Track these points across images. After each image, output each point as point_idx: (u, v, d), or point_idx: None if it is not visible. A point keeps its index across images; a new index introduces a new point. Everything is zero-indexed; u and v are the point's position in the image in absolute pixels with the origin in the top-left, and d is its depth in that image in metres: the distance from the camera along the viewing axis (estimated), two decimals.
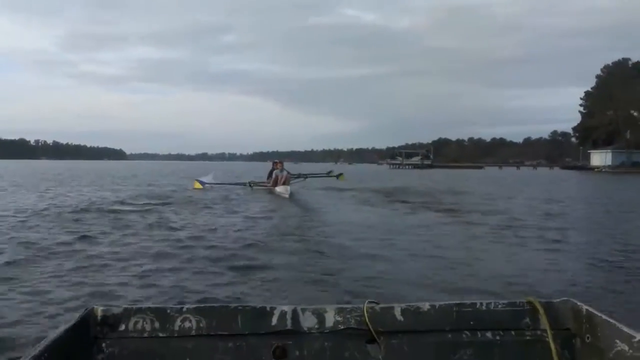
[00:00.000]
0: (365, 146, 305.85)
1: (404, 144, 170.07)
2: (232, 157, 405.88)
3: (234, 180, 28.70)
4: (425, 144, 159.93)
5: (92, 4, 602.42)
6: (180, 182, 30.57)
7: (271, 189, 21.68)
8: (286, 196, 19.09)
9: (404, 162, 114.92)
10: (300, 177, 24.52)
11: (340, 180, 26.12)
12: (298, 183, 23.31)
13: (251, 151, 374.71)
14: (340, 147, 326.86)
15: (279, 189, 20.51)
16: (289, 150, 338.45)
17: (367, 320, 1.93)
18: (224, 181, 27.74)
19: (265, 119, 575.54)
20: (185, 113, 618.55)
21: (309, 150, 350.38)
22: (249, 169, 32.24)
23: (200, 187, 24.16)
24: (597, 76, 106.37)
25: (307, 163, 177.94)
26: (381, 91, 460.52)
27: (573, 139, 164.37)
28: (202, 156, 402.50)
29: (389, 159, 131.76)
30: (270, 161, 25.10)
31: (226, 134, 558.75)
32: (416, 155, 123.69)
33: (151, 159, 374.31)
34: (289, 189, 19.93)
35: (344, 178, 26.97)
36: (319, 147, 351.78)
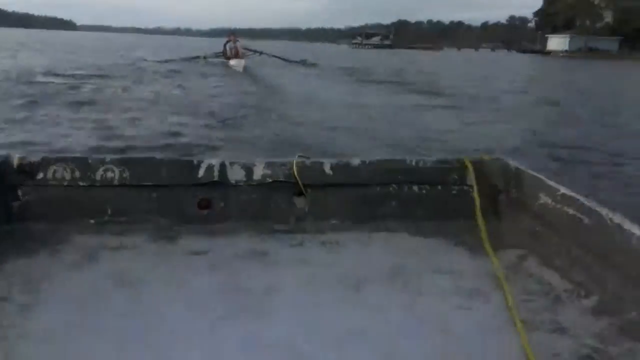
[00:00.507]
0: (324, 25, 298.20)
1: (364, 24, 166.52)
2: (188, 32, 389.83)
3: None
4: (385, 25, 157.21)
5: None
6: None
7: (224, 61, 20.49)
8: (239, 70, 18.22)
9: (364, 42, 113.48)
10: (256, 53, 22.49)
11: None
12: (253, 57, 21.70)
13: (208, 27, 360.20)
14: (298, 26, 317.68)
15: (232, 62, 19.47)
16: (246, 28, 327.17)
17: (295, 174, 1.95)
18: (169, 58, 23.82)
19: None
20: None
21: (266, 28, 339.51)
22: (203, 46, 30.11)
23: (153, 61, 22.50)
24: None
25: (265, 41, 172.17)
26: None
27: (531, 24, 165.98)
28: (158, 30, 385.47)
29: (349, 39, 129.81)
30: (228, 36, 22.91)
31: (182, 9, 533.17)
32: (376, 36, 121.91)
33: (104, 31, 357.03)
34: (242, 62, 18.93)
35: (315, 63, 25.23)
36: (277, 25, 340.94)
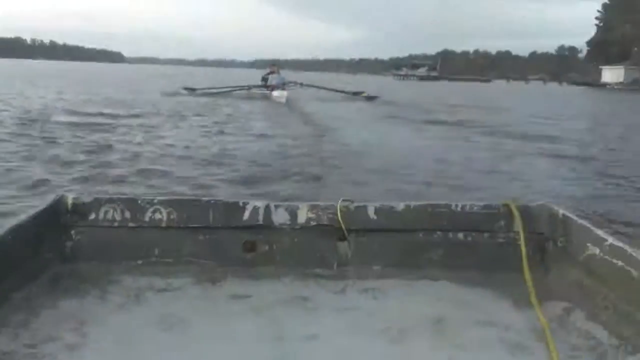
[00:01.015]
0: (367, 56, 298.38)
1: (407, 55, 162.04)
2: (232, 63, 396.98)
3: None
4: (430, 55, 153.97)
5: None
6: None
7: (267, 93, 20.16)
8: (282, 101, 17.97)
9: (409, 74, 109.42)
10: (298, 84, 21.86)
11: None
12: (295, 89, 21.15)
13: (252, 58, 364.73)
14: (342, 57, 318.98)
15: (275, 93, 19.19)
16: (290, 59, 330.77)
17: (339, 218, 1.92)
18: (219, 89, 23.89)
19: (267, 24, 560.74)
20: (187, 14, 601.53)
21: (310, 59, 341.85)
22: (248, 77, 29.24)
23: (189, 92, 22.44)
24: None
25: (309, 72, 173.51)
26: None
27: (581, 54, 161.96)
28: (201, 62, 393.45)
29: (393, 70, 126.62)
30: (269, 67, 22.74)
31: (226, 40, 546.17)
32: (422, 66, 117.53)
33: (151, 62, 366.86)
34: (285, 93, 18.65)
35: (366, 94, 23.41)
36: (321, 56, 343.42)
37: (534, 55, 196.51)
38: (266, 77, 21.47)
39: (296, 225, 1.95)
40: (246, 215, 1.94)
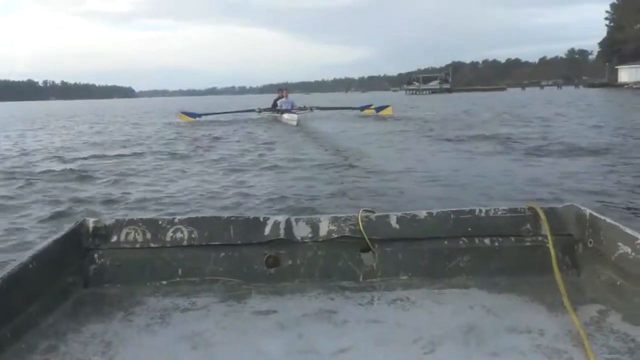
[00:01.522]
0: (376, 74, 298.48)
1: (416, 70, 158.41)
2: (241, 90, 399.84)
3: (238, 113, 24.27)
4: (439, 68, 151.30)
5: None
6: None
7: (277, 116, 20.51)
8: (293, 124, 17.79)
9: (422, 88, 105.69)
10: (307, 109, 21.79)
11: (384, 114, 22.11)
12: (305, 113, 21.24)
13: (261, 83, 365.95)
14: (351, 76, 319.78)
15: (286, 116, 19.30)
16: (298, 81, 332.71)
17: (361, 229, 1.92)
18: (223, 114, 23.76)
19: (274, 50, 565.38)
20: (195, 47, 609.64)
21: (319, 80, 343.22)
22: (258, 103, 28.89)
23: (190, 119, 22.04)
24: None
25: (318, 93, 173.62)
26: (391, 15, 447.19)
27: (591, 56, 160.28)
28: (212, 90, 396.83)
29: (405, 85, 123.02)
30: (277, 92, 22.94)
31: (235, 68, 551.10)
32: (434, 79, 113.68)
33: (161, 95, 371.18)
34: (296, 116, 18.56)
35: (391, 111, 22.60)
36: (329, 77, 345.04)
37: (543, 61, 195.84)
38: (276, 101, 21.80)
39: (318, 238, 1.94)
40: (267, 231, 1.93)
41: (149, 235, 1.91)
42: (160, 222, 1.93)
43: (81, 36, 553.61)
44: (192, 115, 22.54)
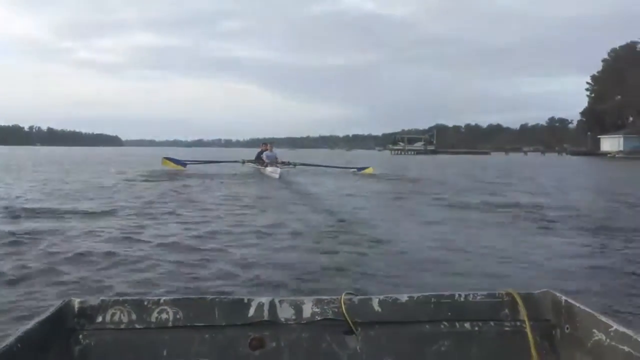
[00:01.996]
0: (361, 132, 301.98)
1: (400, 130, 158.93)
2: (228, 143, 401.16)
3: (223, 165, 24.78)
4: (422, 130, 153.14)
5: None
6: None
7: (261, 169, 21.21)
8: (276, 177, 18.45)
9: (407, 148, 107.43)
10: (290, 164, 22.54)
11: (366, 173, 22.95)
12: (288, 168, 21.85)
13: (248, 137, 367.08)
14: (336, 134, 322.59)
15: (269, 169, 20.04)
16: (285, 137, 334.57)
17: (344, 312, 1.92)
18: (209, 164, 24.22)
19: (262, 106, 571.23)
20: (182, 100, 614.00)
21: (305, 136, 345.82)
22: (244, 156, 27.60)
23: (176, 166, 22.06)
24: (604, 60, 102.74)
25: (304, 149, 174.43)
26: (377, 79, 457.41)
27: (571, 125, 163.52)
28: (198, 142, 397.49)
29: (390, 145, 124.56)
30: (262, 146, 24.04)
31: (223, 121, 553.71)
32: (418, 140, 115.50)
33: (148, 145, 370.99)
34: (278, 170, 19.34)
35: (372, 170, 23.46)
36: (315, 134, 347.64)
37: (525, 128, 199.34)
38: (260, 154, 22.57)
39: (302, 320, 1.92)
40: (251, 312, 1.92)
41: (134, 316, 1.88)
42: (145, 303, 1.91)
43: (70, 84, 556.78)
44: (178, 162, 22.38)
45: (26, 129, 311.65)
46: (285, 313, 1.92)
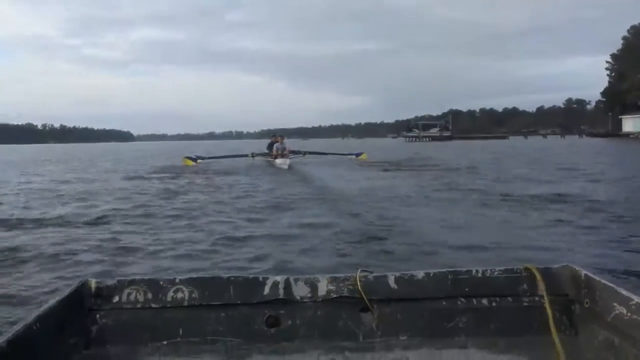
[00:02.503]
0: (373, 120, 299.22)
1: (413, 117, 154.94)
2: (239, 135, 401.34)
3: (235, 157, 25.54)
4: (436, 116, 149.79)
5: None
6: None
7: (271, 160, 22.21)
8: (285, 168, 19.53)
9: (422, 135, 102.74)
10: (300, 153, 24.26)
11: (361, 159, 24.82)
12: (297, 158, 23.35)
13: (259, 129, 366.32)
14: (348, 123, 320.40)
15: (278, 161, 21.00)
16: (296, 127, 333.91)
17: (360, 289, 1.89)
18: (220, 158, 25.51)
19: (272, 96, 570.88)
20: (193, 93, 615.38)
21: (317, 126, 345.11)
22: (255, 148, 28.40)
23: (192, 163, 23.34)
24: (624, 37, 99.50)
25: (315, 139, 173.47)
26: (389, 65, 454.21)
27: (589, 106, 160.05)
28: (209, 135, 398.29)
29: (404, 132, 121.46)
30: (272, 138, 25.00)
31: (233, 113, 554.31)
32: (433, 126, 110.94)
33: (160, 139, 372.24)
34: (287, 161, 20.56)
35: (366, 157, 25.37)
36: (326, 123, 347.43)
37: (541, 110, 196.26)
38: (270, 146, 23.45)
39: (317, 298, 1.91)
40: (266, 290, 1.90)
41: (150, 296, 1.87)
42: (161, 282, 1.89)
43: (80, 81, 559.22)
44: (192, 158, 24.00)
45: (39, 127, 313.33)
46: (301, 291, 1.89)
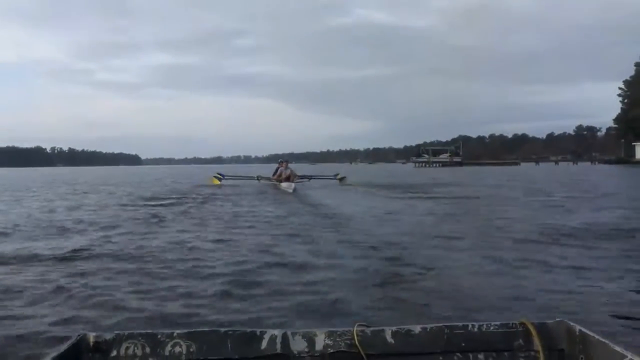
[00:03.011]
0: (382, 145, 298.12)
1: (422, 143, 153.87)
2: (247, 159, 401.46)
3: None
4: (446, 141, 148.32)
5: (108, 13, 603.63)
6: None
7: (276, 184, 23.43)
8: (290, 191, 20.05)
9: (432, 160, 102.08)
10: (305, 179, 25.48)
11: (341, 184, 26.00)
12: (302, 182, 24.16)
13: (267, 153, 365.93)
14: (356, 148, 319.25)
15: (284, 185, 21.84)
16: (305, 152, 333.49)
17: (357, 344, 1.88)
18: (236, 180, 27.86)
19: (281, 121, 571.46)
20: (201, 117, 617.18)
21: (325, 151, 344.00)
22: (265, 171, 29.54)
23: (219, 182, 25.88)
24: (636, 64, 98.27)
25: (324, 164, 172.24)
26: (397, 91, 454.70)
27: (600, 133, 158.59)
28: (217, 159, 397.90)
29: (413, 157, 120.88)
30: (279, 163, 26.08)
31: (241, 137, 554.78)
32: (443, 152, 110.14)
33: (167, 163, 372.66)
34: (292, 185, 21.07)
35: (346, 182, 26.52)
36: (335, 148, 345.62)
37: (551, 137, 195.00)
38: (277, 171, 24.77)
39: (315, 352, 1.88)
40: (264, 345, 1.88)
41: (148, 350, 1.87)
42: (159, 336, 1.89)
43: (89, 105, 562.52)
44: (218, 178, 26.58)
45: (48, 150, 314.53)
46: (298, 346, 1.88)
